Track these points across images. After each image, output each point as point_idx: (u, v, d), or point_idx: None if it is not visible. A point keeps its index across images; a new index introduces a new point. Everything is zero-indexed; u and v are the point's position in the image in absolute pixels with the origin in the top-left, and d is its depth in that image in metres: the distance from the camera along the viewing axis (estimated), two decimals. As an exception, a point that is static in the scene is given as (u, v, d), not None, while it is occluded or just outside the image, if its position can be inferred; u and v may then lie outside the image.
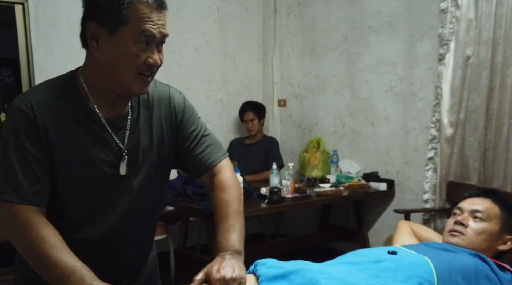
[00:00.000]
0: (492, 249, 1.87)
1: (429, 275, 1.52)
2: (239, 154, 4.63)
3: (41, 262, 1.26)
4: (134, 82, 1.31)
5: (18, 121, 1.30)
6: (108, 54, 1.28)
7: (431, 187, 3.73)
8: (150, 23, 1.27)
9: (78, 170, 1.35)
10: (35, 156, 1.30)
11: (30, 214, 1.28)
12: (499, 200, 1.96)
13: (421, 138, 3.86)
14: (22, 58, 3.84)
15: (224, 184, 1.53)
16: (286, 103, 5.12)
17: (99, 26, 1.28)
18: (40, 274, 1.29)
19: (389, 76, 4.07)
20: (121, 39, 1.26)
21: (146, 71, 1.31)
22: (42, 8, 3.81)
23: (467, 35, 3.40)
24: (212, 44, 4.79)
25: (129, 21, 1.25)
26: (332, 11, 4.53)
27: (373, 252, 1.72)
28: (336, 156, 4.45)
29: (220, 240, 1.42)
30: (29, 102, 1.31)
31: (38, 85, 1.39)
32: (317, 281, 1.38)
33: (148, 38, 1.27)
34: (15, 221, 1.28)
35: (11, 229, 1.30)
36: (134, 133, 1.43)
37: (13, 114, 1.31)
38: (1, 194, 1.28)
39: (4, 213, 1.30)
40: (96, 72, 1.34)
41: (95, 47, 1.30)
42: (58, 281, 1.25)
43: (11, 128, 1.30)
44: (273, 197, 3.44)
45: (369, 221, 4.34)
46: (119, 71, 1.29)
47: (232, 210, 1.48)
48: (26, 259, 1.31)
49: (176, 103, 1.52)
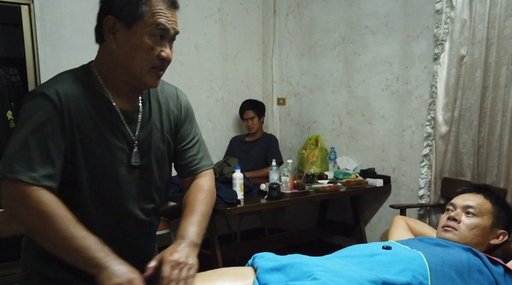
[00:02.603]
0: (484, 243, 1.87)
1: (423, 269, 1.53)
2: (240, 151, 4.63)
3: (60, 235, 1.24)
4: (148, 75, 1.36)
5: (43, 106, 1.29)
6: (125, 47, 1.33)
7: (426, 183, 3.74)
8: (164, 17, 1.33)
9: (98, 158, 1.37)
10: (56, 142, 1.30)
11: (40, 193, 1.26)
12: (490, 195, 1.96)
13: (417, 136, 3.87)
14: (28, 58, 3.84)
15: (204, 188, 1.58)
16: (285, 102, 5.12)
17: (116, 20, 1.31)
18: (54, 251, 1.27)
19: (386, 75, 4.07)
20: (137, 32, 1.31)
21: (159, 65, 1.36)
22: (48, 8, 3.81)
23: (461, 35, 3.40)
24: (213, 44, 4.79)
25: (145, 16, 1.30)
26: (330, 12, 4.53)
27: (368, 247, 1.73)
28: (334, 153, 4.45)
29: (181, 230, 1.44)
30: (55, 89, 1.31)
31: (57, 76, 1.39)
32: (312, 273, 1.39)
33: (162, 32, 1.33)
34: (24, 199, 1.25)
35: (21, 208, 1.27)
36: (147, 125, 1.47)
37: (36, 99, 1.30)
38: (12, 173, 1.25)
39: (13, 192, 1.27)
40: (111, 65, 1.38)
41: (111, 40, 1.33)
42: (77, 254, 1.25)
43: (33, 113, 1.29)
44: (273, 192, 3.44)
45: (366, 216, 4.35)
46: (134, 63, 1.34)
47: (202, 209, 1.52)
48: (38, 238, 1.29)
49: (182, 103, 1.58)
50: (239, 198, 3.36)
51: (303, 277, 1.39)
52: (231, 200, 3.27)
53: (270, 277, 1.41)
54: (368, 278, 1.41)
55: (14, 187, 1.26)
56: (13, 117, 4.15)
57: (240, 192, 3.38)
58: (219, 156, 4.75)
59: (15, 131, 1.30)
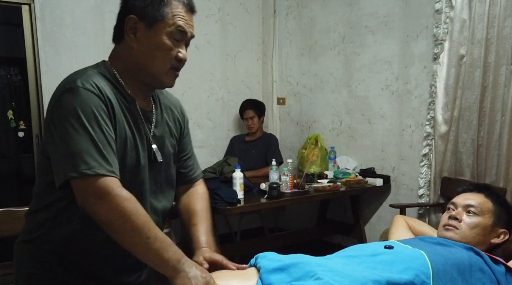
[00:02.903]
0: (485, 242, 1.86)
1: (425, 268, 1.52)
2: (240, 150, 4.63)
3: (141, 235, 1.24)
4: (166, 75, 1.41)
5: (90, 99, 1.28)
6: (145, 46, 1.36)
7: (425, 182, 3.73)
8: (183, 20, 1.38)
9: (127, 152, 1.39)
10: (110, 132, 1.30)
11: (120, 187, 1.26)
12: (491, 194, 1.95)
13: (416, 135, 3.86)
14: (29, 58, 3.84)
15: (206, 196, 1.70)
16: (285, 101, 5.11)
17: (138, 19, 1.35)
18: (133, 249, 1.26)
19: (385, 75, 4.07)
20: (158, 32, 1.35)
21: (176, 66, 1.41)
22: (48, 8, 3.80)
23: (461, 35, 3.40)
24: (213, 44, 4.79)
25: (166, 17, 1.35)
26: (330, 12, 4.53)
27: (370, 247, 1.72)
28: (334, 152, 4.45)
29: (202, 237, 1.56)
30: (94, 83, 1.31)
31: (82, 72, 1.37)
32: (315, 273, 1.38)
33: (181, 34, 1.38)
34: (109, 195, 1.23)
35: (103, 206, 1.23)
36: (160, 125, 1.51)
37: (82, 93, 1.27)
38: (90, 168, 1.22)
39: (94, 188, 1.23)
40: (129, 64, 1.40)
41: (132, 39, 1.37)
42: (157, 253, 1.25)
43: (84, 106, 1.26)
44: (273, 192, 3.44)
45: (365, 215, 4.34)
46: (154, 63, 1.38)
47: (210, 218, 1.65)
48: (117, 235, 1.26)
49: (185, 115, 1.67)
50: (239, 197, 3.36)
51: (306, 277, 1.39)
52: (231, 199, 3.27)
53: (273, 278, 1.41)
54: (371, 278, 1.40)
55: (93, 184, 1.23)
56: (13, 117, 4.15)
57: (240, 191, 3.38)
58: (219, 155, 4.75)
59: (66, 127, 1.25)
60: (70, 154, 1.24)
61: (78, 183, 1.24)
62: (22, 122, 4.08)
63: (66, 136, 1.25)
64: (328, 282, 1.33)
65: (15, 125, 4.12)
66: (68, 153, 1.24)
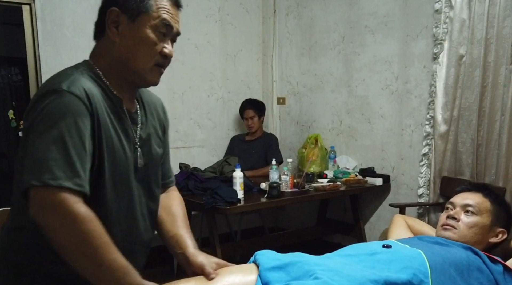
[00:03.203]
0: (484, 242, 1.87)
1: (423, 267, 1.53)
2: (240, 150, 4.63)
3: (93, 261, 1.14)
4: (150, 72, 1.34)
5: (73, 105, 1.19)
6: (128, 40, 1.30)
7: (425, 182, 3.73)
8: (169, 14, 1.33)
9: (117, 160, 1.32)
10: (87, 144, 1.20)
11: (81, 204, 1.15)
12: (490, 194, 1.96)
13: (416, 135, 3.86)
14: (30, 57, 3.84)
15: (183, 202, 1.66)
16: (285, 101, 5.11)
17: (121, 12, 1.29)
18: (82, 272, 1.16)
19: (385, 74, 4.06)
20: (141, 25, 1.29)
21: (161, 62, 1.34)
22: (49, 8, 3.80)
23: (460, 35, 3.40)
24: (213, 44, 4.79)
25: (150, 9, 1.29)
26: (329, 12, 4.53)
27: (369, 246, 1.73)
28: (334, 152, 4.44)
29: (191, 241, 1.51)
30: (82, 88, 1.22)
31: (67, 71, 1.29)
32: (314, 272, 1.39)
33: (166, 28, 1.32)
34: (65, 211, 1.12)
35: (60, 221, 1.13)
36: (145, 126, 1.44)
37: (66, 98, 1.18)
38: (55, 179, 1.12)
39: (53, 201, 1.12)
40: (111, 61, 1.34)
41: (114, 33, 1.31)
42: (114, 276, 1.16)
43: (65, 112, 1.17)
44: (273, 191, 3.44)
45: (365, 215, 4.34)
46: (137, 58, 1.31)
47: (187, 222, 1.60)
48: (72, 256, 1.15)
49: (167, 115, 1.59)
50: (239, 197, 3.36)
51: (305, 276, 1.39)
52: (231, 198, 3.27)
53: (271, 276, 1.41)
54: (369, 277, 1.40)
55: (56, 197, 1.13)
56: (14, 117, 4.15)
57: (240, 190, 3.38)
58: (220, 155, 4.75)
59: (40, 131, 1.17)
60: (37, 161, 1.14)
61: (36, 193, 1.13)
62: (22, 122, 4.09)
63: (38, 141, 1.15)
64: (326, 281, 1.33)
65: (15, 125, 4.12)
66: (35, 159, 1.15)
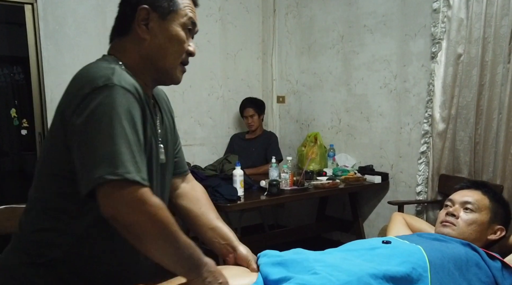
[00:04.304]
0: (482, 238, 1.87)
1: (422, 262, 1.53)
2: (240, 148, 4.63)
3: (173, 244, 1.17)
4: (177, 69, 1.35)
5: (128, 99, 1.17)
6: (160, 37, 1.30)
7: (423, 179, 3.73)
8: (192, 12, 1.34)
9: (153, 154, 1.32)
10: (142, 137, 1.20)
11: (154, 195, 1.16)
12: (488, 191, 1.96)
13: (414, 133, 3.86)
14: (32, 56, 3.85)
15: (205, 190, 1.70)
16: (285, 100, 5.11)
17: (151, 10, 1.28)
18: (161, 256, 1.19)
19: (384, 73, 4.06)
20: (172, 23, 1.30)
21: (186, 61, 1.37)
22: (51, 8, 3.80)
23: (458, 34, 3.39)
24: (213, 43, 4.79)
25: (178, 8, 1.31)
26: (329, 11, 4.52)
27: (368, 242, 1.73)
28: (333, 150, 4.44)
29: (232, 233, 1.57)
30: (130, 82, 1.20)
31: (104, 64, 1.24)
32: (313, 268, 1.39)
33: (192, 25, 1.35)
34: (146, 203, 1.12)
35: (137, 215, 1.11)
36: (163, 122, 1.43)
37: (120, 92, 1.15)
38: (129, 173, 1.09)
39: (131, 196, 1.10)
40: (139, 59, 1.31)
41: (144, 31, 1.29)
42: (184, 260, 1.21)
43: (120, 105, 1.14)
44: (272, 189, 3.44)
45: (364, 212, 4.34)
46: (168, 56, 1.31)
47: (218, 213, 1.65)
48: (153, 244, 1.16)
49: (171, 106, 1.57)
50: (240, 195, 3.36)
51: (304, 271, 1.40)
52: (232, 196, 3.26)
53: (271, 270, 1.42)
54: (368, 271, 1.40)
55: (129, 191, 1.11)
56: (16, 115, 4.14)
57: (241, 188, 3.38)
58: (220, 153, 4.75)
59: (102, 127, 1.12)
60: (106, 155, 1.10)
61: (111, 189, 1.09)
62: (25, 121, 4.07)
63: (102, 137, 1.11)
64: (324, 277, 1.34)
65: (18, 124, 4.11)
66: (104, 152, 1.10)
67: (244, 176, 3.44)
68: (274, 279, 1.38)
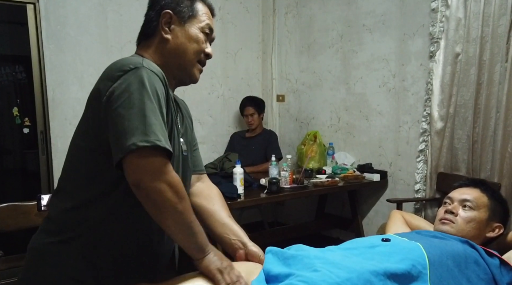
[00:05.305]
0: (481, 236, 1.86)
1: (421, 259, 1.53)
2: (240, 146, 4.63)
3: (188, 217, 1.26)
4: (195, 67, 1.49)
5: (156, 81, 1.28)
6: (181, 37, 1.44)
7: (422, 177, 3.73)
8: (209, 20, 1.51)
9: (175, 141, 1.40)
10: (165, 117, 1.29)
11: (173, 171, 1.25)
12: (487, 189, 1.95)
13: (413, 132, 3.86)
14: (34, 55, 3.84)
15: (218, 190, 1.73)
16: (285, 98, 5.11)
17: (173, 14, 1.44)
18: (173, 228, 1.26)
19: (383, 72, 4.06)
20: (191, 26, 1.46)
21: (203, 61, 1.51)
22: (53, 7, 3.80)
23: (456, 33, 3.39)
24: (214, 42, 4.75)
25: (197, 14, 1.47)
26: (328, 11, 4.52)
27: (368, 239, 1.73)
28: (332, 148, 4.44)
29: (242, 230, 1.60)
30: (159, 70, 1.33)
31: (136, 57, 1.36)
32: (313, 265, 1.39)
33: (209, 31, 1.50)
34: (170, 172, 1.22)
35: (164, 182, 1.20)
36: (182, 120, 1.56)
37: (147, 73, 1.27)
38: (160, 141, 1.19)
39: (158, 162, 1.20)
40: (163, 58, 1.45)
41: (166, 32, 1.44)
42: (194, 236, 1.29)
43: (150, 84, 1.25)
44: (272, 187, 3.43)
45: (363, 210, 4.34)
46: (187, 53, 1.45)
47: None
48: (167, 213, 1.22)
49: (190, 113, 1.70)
50: (240, 192, 3.35)
51: (304, 268, 1.40)
52: (232, 194, 3.26)
53: (273, 267, 1.42)
54: (369, 269, 1.40)
55: (155, 160, 1.19)
56: (18, 114, 4.14)
57: (241, 186, 3.37)
58: (220, 151, 4.75)
59: (131, 97, 1.22)
60: (140, 125, 1.19)
61: (138, 157, 1.17)
62: (27, 119, 4.07)
63: (135, 109, 1.20)
64: (325, 274, 1.34)
65: (20, 122, 4.11)
66: (136, 123, 1.19)
67: (244, 174, 3.44)
68: (276, 275, 1.39)
